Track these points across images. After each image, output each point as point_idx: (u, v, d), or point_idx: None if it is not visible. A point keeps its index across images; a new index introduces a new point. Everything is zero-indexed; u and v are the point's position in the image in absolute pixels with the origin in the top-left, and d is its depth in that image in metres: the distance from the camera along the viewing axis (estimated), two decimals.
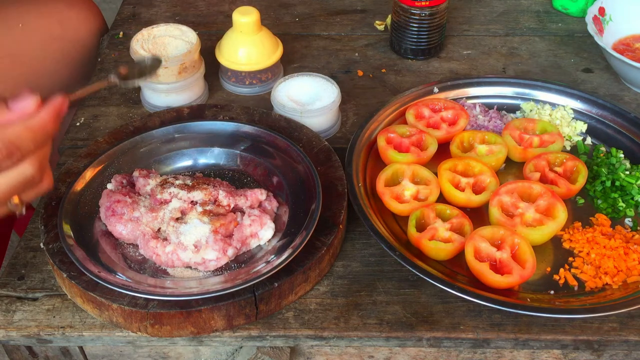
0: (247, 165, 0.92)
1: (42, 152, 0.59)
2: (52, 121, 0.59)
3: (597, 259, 0.82)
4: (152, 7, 1.29)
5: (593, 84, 1.11)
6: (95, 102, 1.07)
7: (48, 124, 0.59)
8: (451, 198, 0.88)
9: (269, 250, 0.81)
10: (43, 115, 0.59)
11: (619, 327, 0.76)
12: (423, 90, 1.03)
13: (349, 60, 1.17)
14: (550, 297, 0.79)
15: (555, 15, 1.28)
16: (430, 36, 1.13)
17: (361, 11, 1.29)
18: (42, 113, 0.59)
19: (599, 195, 0.90)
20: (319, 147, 0.91)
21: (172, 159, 0.92)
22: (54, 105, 0.59)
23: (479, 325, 0.77)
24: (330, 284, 0.81)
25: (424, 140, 0.94)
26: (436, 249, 0.81)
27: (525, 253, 0.78)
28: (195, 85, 1.05)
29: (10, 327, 0.76)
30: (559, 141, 0.94)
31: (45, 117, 0.59)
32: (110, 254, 0.80)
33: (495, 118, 1.00)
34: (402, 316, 0.78)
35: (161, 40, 1.03)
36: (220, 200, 0.83)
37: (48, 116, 0.59)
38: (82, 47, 1.19)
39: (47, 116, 0.59)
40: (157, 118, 0.95)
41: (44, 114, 0.59)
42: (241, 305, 0.74)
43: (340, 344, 0.78)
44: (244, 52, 1.05)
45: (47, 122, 0.59)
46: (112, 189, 0.85)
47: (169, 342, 0.77)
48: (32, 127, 0.58)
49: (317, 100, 0.98)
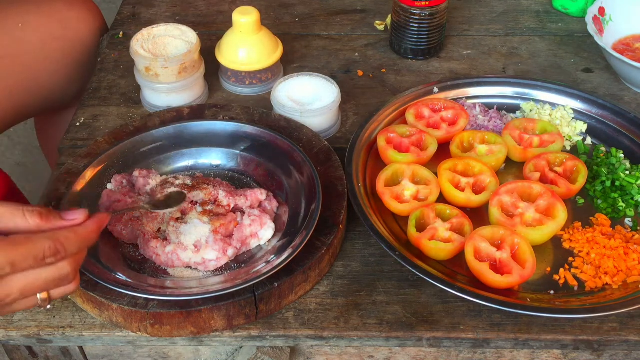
0: (247, 165, 0.92)
1: (80, 256, 0.66)
2: (95, 232, 0.67)
3: (597, 259, 0.82)
4: (152, 7, 1.29)
5: (593, 84, 1.11)
6: (95, 102, 1.07)
7: (91, 233, 0.66)
8: (451, 198, 0.88)
9: (269, 250, 0.81)
10: (88, 225, 0.66)
11: (619, 327, 0.76)
12: (423, 90, 1.03)
13: (349, 60, 1.17)
14: (550, 297, 0.79)
15: (555, 15, 1.28)
16: (430, 36, 1.13)
17: (361, 11, 1.29)
18: (88, 223, 0.66)
19: (599, 195, 0.90)
20: (319, 147, 0.91)
21: (172, 159, 0.92)
22: (99, 218, 0.67)
23: (479, 325, 0.77)
24: (330, 284, 0.81)
25: (424, 140, 0.94)
26: (436, 249, 0.81)
27: (525, 253, 0.78)
28: (195, 85, 1.05)
29: (10, 327, 0.76)
30: (559, 141, 0.94)
31: (90, 228, 0.66)
32: (110, 254, 0.80)
33: (495, 118, 1.00)
34: (402, 316, 0.78)
35: (161, 40, 1.03)
36: (220, 200, 0.83)
37: (92, 227, 0.67)
38: (82, 46, 1.19)
39: (92, 227, 0.66)
40: (157, 118, 0.95)
41: (90, 224, 0.66)
42: (241, 305, 0.74)
43: (340, 344, 0.78)
44: (244, 52, 1.05)
45: (91, 232, 0.66)
46: (112, 189, 0.85)
47: (169, 342, 0.77)
48: (78, 233, 0.65)
49: (317, 100, 0.98)
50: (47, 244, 0.61)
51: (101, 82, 1.11)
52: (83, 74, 1.21)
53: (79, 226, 0.66)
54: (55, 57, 1.16)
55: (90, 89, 1.10)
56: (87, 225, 0.66)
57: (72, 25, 1.18)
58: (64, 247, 0.62)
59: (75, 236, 0.64)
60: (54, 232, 0.63)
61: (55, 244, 0.62)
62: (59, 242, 0.62)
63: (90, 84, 1.11)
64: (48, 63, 1.16)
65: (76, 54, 1.19)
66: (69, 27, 1.17)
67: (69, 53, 1.18)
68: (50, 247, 0.62)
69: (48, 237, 0.62)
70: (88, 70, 1.20)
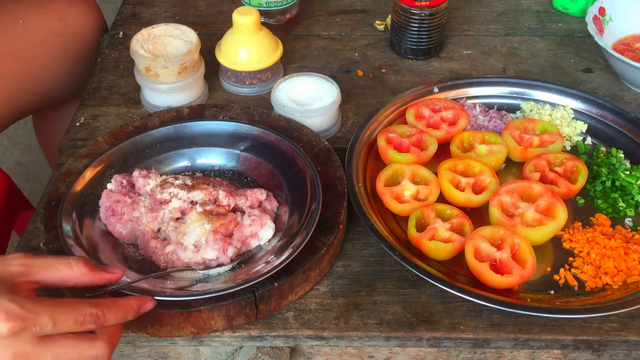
0: (247, 165, 0.92)
1: (116, 338, 0.65)
2: (135, 310, 0.67)
3: (597, 259, 0.82)
4: (152, 7, 1.29)
5: (593, 84, 1.11)
6: (95, 102, 1.07)
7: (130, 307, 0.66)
8: (451, 198, 0.88)
9: (269, 250, 0.81)
10: (130, 299, 0.67)
11: (619, 327, 0.76)
12: (423, 90, 1.03)
13: (349, 60, 1.17)
14: (550, 297, 0.79)
15: (555, 15, 1.28)
16: (430, 36, 1.13)
17: (361, 11, 1.29)
18: (130, 298, 0.67)
19: (599, 195, 0.90)
20: (319, 147, 0.91)
21: (172, 159, 0.92)
22: (141, 298, 0.68)
23: (479, 325, 0.77)
24: (330, 284, 0.81)
25: (424, 140, 0.94)
26: (436, 249, 0.81)
27: (525, 253, 0.78)
28: (195, 85, 1.05)
29: None
30: (559, 141, 0.94)
31: (131, 302, 0.67)
32: (110, 254, 0.80)
33: (495, 118, 1.00)
34: (402, 316, 0.78)
35: (161, 40, 1.03)
36: (220, 200, 0.83)
37: (134, 302, 0.67)
38: (81, 43, 1.19)
39: (133, 302, 0.67)
40: (157, 118, 0.95)
41: (132, 300, 0.67)
42: (241, 305, 0.74)
43: (340, 344, 0.78)
44: (244, 52, 1.05)
45: (130, 306, 0.66)
46: (112, 189, 0.85)
47: (169, 342, 0.77)
48: (119, 305, 0.65)
49: (317, 100, 0.98)
50: (88, 309, 0.62)
51: (101, 82, 1.11)
52: (82, 70, 1.21)
53: (120, 298, 0.67)
54: (55, 53, 1.17)
55: (90, 88, 1.10)
56: (128, 299, 0.67)
57: (72, 22, 1.18)
58: (104, 315, 0.63)
59: (116, 307, 0.65)
60: (96, 300, 0.64)
61: (97, 310, 0.62)
62: (99, 309, 0.63)
63: (90, 84, 1.11)
64: (48, 60, 1.16)
65: (75, 51, 1.19)
66: (69, 23, 1.17)
67: (68, 50, 1.18)
68: (92, 312, 0.62)
69: (90, 303, 0.63)
70: (87, 67, 1.21)
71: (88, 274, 0.66)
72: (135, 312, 0.67)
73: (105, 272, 0.67)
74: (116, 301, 0.66)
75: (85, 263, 0.66)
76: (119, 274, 0.69)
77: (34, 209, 1.03)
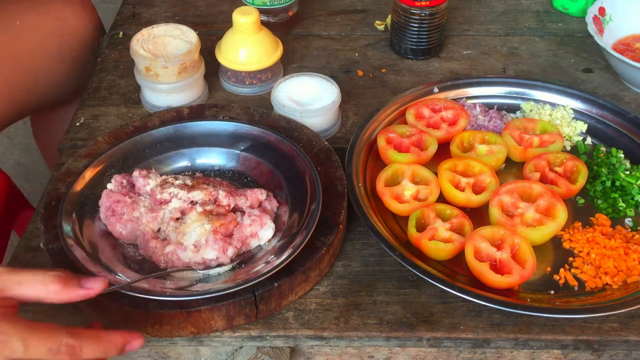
0: (247, 165, 0.92)
1: None
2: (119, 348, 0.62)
3: (597, 259, 0.82)
4: (152, 7, 1.29)
5: (593, 84, 1.11)
6: (95, 102, 1.07)
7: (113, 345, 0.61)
8: (451, 198, 0.88)
9: (269, 250, 0.81)
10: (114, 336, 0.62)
11: (619, 327, 0.76)
12: (423, 90, 1.03)
13: (349, 60, 1.17)
14: (550, 297, 0.79)
15: (555, 15, 1.28)
16: (430, 36, 1.13)
17: (361, 11, 1.29)
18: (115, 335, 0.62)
19: (599, 195, 0.90)
20: (319, 147, 0.91)
21: (172, 159, 0.92)
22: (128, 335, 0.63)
23: (479, 325, 0.77)
24: (330, 284, 0.81)
25: (424, 140, 0.94)
26: (436, 249, 0.81)
27: (525, 253, 0.78)
28: (195, 85, 1.05)
29: None
30: (559, 141, 0.94)
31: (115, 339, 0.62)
32: (110, 254, 0.79)
33: (495, 118, 1.00)
34: (402, 316, 0.78)
35: (161, 40, 1.03)
36: (220, 200, 0.83)
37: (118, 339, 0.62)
38: (78, 44, 1.20)
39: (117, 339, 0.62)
40: (157, 118, 0.95)
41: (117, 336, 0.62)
42: (241, 305, 0.74)
43: (340, 344, 0.78)
44: (244, 52, 1.05)
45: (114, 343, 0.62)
46: (112, 189, 0.85)
47: (169, 342, 0.77)
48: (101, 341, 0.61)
49: (317, 100, 0.98)
50: (65, 339, 0.58)
51: (101, 82, 1.11)
52: (80, 70, 1.21)
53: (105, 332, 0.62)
54: (52, 54, 1.17)
55: (90, 89, 1.10)
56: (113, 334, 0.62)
57: (70, 23, 1.18)
58: (81, 347, 0.59)
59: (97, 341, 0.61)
60: (77, 329, 0.60)
61: (74, 342, 0.59)
62: (77, 341, 0.59)
63: (90, 84, 1.11)
64: (45, 60, 1.16)
65: (73, 51, 1.19)
66: (67, 24, 1.17)
67: (65, 50, 1.18)
68: (68, 343, 0.58)
69: (69, 333, 0.59)
70: (85, 67, 1.21)
71: (62, 292, 0.61)
72: (118, 350, 0.62)
73: (80, 289, 0.63)
74: (99, 334, 0.62)
75: (58, 281, 0.61)
76: (98, 288, 0.63)
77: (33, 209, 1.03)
